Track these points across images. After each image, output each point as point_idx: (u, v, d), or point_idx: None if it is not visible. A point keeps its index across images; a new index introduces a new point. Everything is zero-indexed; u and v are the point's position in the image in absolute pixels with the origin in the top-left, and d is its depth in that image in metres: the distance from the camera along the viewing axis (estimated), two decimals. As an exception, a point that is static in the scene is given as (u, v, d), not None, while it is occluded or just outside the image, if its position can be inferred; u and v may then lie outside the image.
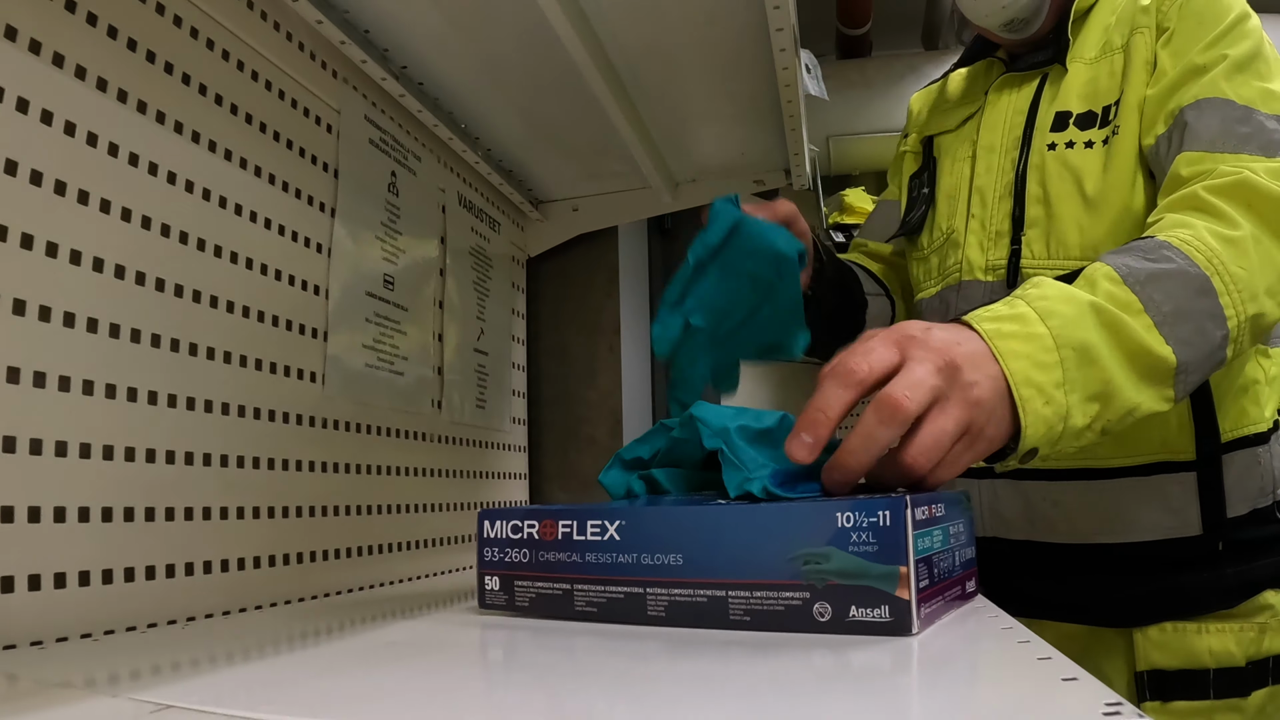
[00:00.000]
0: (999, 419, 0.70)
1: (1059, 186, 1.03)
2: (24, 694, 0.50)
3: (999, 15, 1.09)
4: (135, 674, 0.55)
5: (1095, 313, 0.74)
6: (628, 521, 0.69)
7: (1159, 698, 0.97)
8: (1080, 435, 0.74)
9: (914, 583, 0.57)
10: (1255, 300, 0.80)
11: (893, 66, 3.62)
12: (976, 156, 1.13)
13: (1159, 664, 0.97)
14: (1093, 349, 0.72)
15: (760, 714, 0.42)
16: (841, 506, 0.60)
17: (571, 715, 0.45)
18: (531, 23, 1.11)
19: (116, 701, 0.46)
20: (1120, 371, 0.74)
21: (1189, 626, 0.97)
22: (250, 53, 1.01)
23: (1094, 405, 0.73)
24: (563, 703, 0.48)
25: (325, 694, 0.48)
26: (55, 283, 0.74)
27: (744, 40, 1.21)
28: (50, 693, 0.49)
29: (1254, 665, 0.96)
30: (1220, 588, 0.97)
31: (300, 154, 1.08)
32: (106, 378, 0.78)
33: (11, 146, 0.71)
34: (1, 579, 0.68)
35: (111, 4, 0.82)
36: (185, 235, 0.88)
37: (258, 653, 0.64)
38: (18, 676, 0.55)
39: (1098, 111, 1.05)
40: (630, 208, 1.72)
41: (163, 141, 0.86)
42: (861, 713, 0.42)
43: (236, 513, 0.92)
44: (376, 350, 1.18)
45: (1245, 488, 0.98)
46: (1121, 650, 1.01)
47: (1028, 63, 1.13)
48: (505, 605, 0.75)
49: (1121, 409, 0.75)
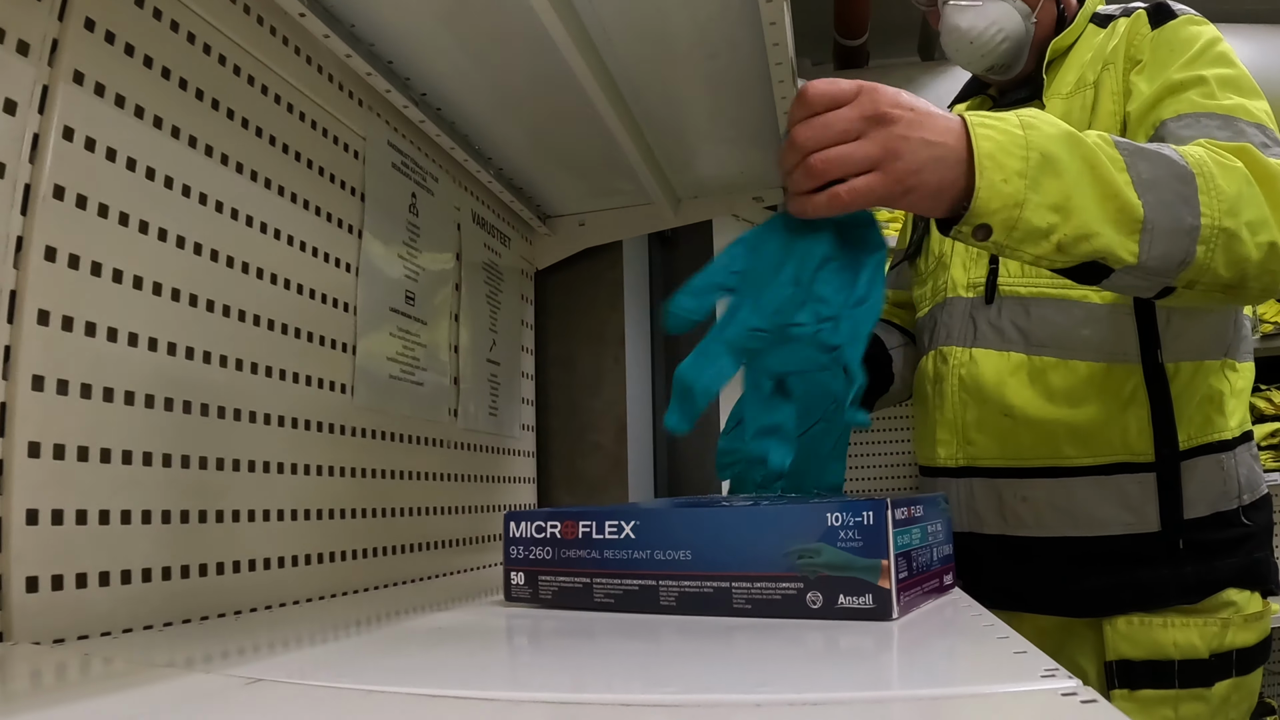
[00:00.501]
0: (943, 172, 0.76)
1: None
2: (129, 672, 0.58)
3: (979, 63, 1.19)
4: (224, 654, 0.63)
5: (1076, 143, 0.80)
6: (642, 522, 0.77)
7: (1127, 686, 1.04)
8: (1038, 241, 0.79)
9: (894, 574, 0.65)
10: (1234, 216, 0.84)
11: (889, 77, 3.68)
12: None
13: (1126, 654, 1.05)
14: (1060, 163, 0.78)
15: (759, 684, 0.49)
16: (831, 508, 0.68)
17: (591, 683, 0.53)
18: (544, 52, 1.19)
19: (212, 677, 0.54)
20: (1087, 198, 0.79)
21: (1154, 620, 1.05)
22: (286, 86, 1.08)
23: (1054, 216, 0.78)
24: (584, 673, 0.55)
25: (391, 668, 0.56)
26: (105, 301, 0.82)
27: (744, 72, 1.29)
28: (154, 671, 0.57)
29: (1217, 657, 1.04)
30: (1180, 584, 1.05)
31: (330, 179, 1.15)
32: (165, 391, 0.86)
33: (62, 174, 0.79)
34: (76, 575, 0.76)
35: (167, 45, 0.90)
36: (229, 258, 0.96)
37: (322, 637, 0.72)
38: (113, 659, 0.62)
39: None
40: (634, 223, 1.80)
41: (206, 170, 0.94)
42: (847, 684, 0.50)
43: (276, 515, 0.99)
44: (399, 362, 1.25)
45: (1208, 491, 1.06)
46: (1092, 642, 1.09)
47: (1010, 99, 1.23)
48: (530, 598, 0.83)
49: (1080, 228, 0.79)
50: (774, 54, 1.19)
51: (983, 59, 1.20)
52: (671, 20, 1.19)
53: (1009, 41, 1.19)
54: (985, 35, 1.19)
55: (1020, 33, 1.20)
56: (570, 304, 1.89)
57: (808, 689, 0.47)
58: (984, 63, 1.21)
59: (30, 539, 0.72)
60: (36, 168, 0.77)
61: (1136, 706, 1.03)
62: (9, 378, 0.73)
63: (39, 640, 0.71)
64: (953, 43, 1.23)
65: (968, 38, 1.20)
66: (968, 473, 1.16)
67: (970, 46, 1.19)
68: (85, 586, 0.76)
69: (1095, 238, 0.80)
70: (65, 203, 0.79)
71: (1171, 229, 0.82)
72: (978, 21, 1.19)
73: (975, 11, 1.19)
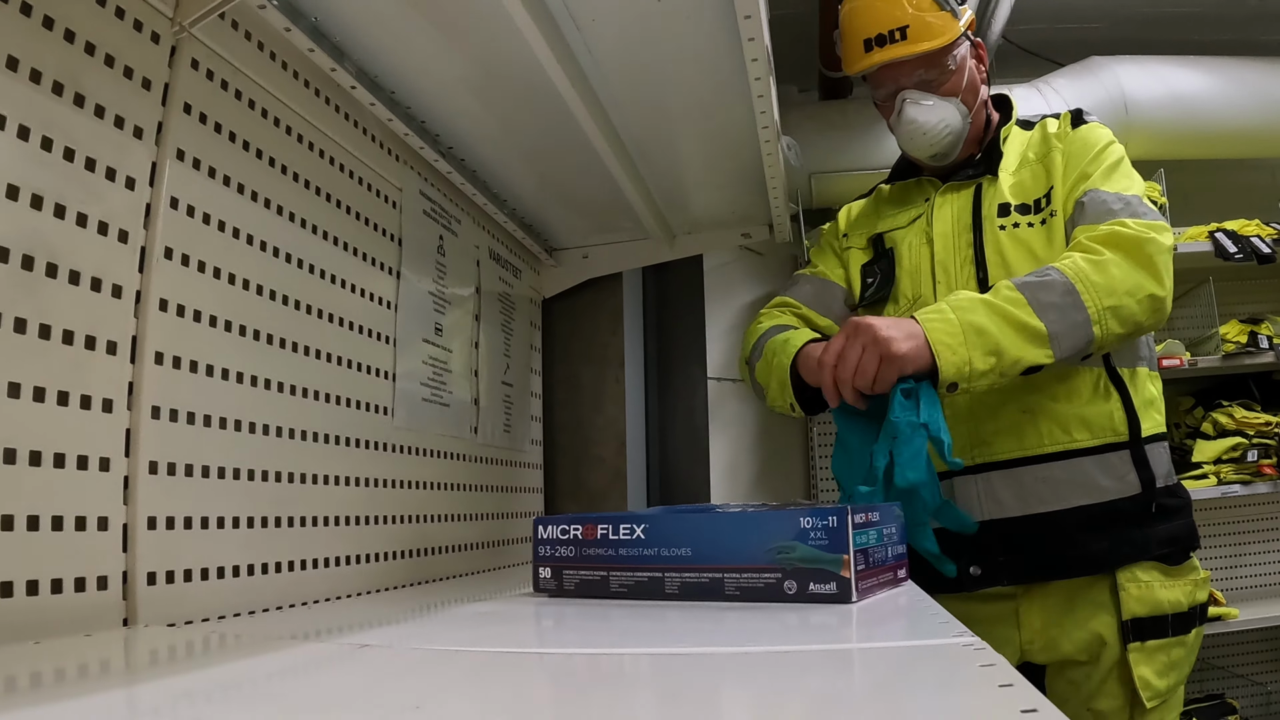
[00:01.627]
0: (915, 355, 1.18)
1: (1015, 254, 1.41)
2: (259, 642, 0.74)
3: (926, 150, 1.47)
4: (329, 630, 0.79)
5: (990, 305, 1.22)
6: (650, 525, 0.94)
7: (1139, 638, 1.31)
8: (986, 375, 1.20)
9: (853, 566, 0.82)
10: (1111, 295, 1.22)
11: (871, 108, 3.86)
12: (934, 242, 1.48)
13: (1137, 613, 1.31)
14: (983, 326, 1.20)
15: (746, 642, 0.66)
16: (803, 514, 0.85)
17: (613, 643, 0.70)
18: (559, 114, 1.36)
19: (327, 644, 0.70)
20: (1008, 338, 1.20)
21: (1156, 582, 1.32)
22: (337, 148, 1.25)
23: (991, 358, 1.20)
24: (606, 637, 0.72)
25: (458, 638, 0.72)
26: (204, 342, 0.98)
27: (735, 132, 1.47)
28: (279, 641, 0.73)
29: (1191, 610, 1.34)
30: (1157, 538, 1.33)
31: (374, 227, 1.32)
32: (249, 417, 1.02)
33: (170, 237, 0.95)
34: (184, 571, 0.92)
35: (246, 121, 1.07)
36: (295, 301, 1.13)
37: (399, 618, 0.88)
38: (240, 634, 0.79)
39: (1029, 203, 1.42)
40: (633, 256, 1.98)
41: (276, 226, 1.11)
42: (815, 647, 0.67)
43: (335, 521, 1.16)
44: (430, 386, 1.42)
45: (1160, 468, 1.36)
46: (1109, 606, 1.33)
47: (962, 175, 1.47)
48: (556, 589, 1.00)
49: (1011, 359, 1.20)
50: (761, 119, 1.37)
51: (930, 146, 1.46)
52: (673, 91, 1.37)
53: (951, 135, 1.46)
54: (936, 129, 1.45)
55: (960, 128, 1.47)
56: (574, 329, 2.06)
57: (783, 645, 0.64)
58: (930, 150, 1.47)
59: (149, 541, 0.89)
60: (150, 232, 0.94)
61: (1145, 655, 1.30)
62: (132, 408, 0.89)
63: (159, 624, 0.87)
64: (908, 132, 1.47)
65: (921, 129, 1.45)
66: (986, 468, 1.39)
67: (923, 137, 1.45)
68: (190, 580, 0.93)
69: (1021, 360, 1.21)
70: (173, 261, 0.95)
71: (1070, 330, 1.22)
72: (930, 117, 1.45)
73: (928, 109, 1.44)
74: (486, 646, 0.66)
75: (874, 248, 1.59)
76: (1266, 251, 2.94)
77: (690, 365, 2.69)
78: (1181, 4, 3.42)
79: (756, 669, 0.58)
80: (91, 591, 0.82)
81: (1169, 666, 1.32)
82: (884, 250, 1.56)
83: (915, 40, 1.40)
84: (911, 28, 1.40)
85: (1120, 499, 1.34)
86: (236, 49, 1.08)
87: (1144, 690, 1.29)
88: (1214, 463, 2.95)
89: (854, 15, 1.45)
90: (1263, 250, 2.95)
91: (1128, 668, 1.29)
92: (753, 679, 0.56)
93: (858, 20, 1.44)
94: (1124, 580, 1.32)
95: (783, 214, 1.80)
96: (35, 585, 0.77)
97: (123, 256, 0.90)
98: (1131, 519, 1.33)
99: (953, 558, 1.30)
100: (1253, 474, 2.92)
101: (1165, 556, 1.33)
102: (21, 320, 0.78)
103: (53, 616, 0.79)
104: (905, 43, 1.40)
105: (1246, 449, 2.94)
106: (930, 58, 1.42)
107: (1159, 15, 3.51)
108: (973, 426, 1.39)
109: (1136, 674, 1.29)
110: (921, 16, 1.41)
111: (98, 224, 0.87)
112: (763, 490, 2.86)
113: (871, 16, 1.42)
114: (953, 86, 1.44)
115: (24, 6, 0.83)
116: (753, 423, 2.96)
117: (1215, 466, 2.94)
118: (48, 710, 0.51)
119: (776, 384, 1.43)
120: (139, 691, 0.59)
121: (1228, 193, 3.50)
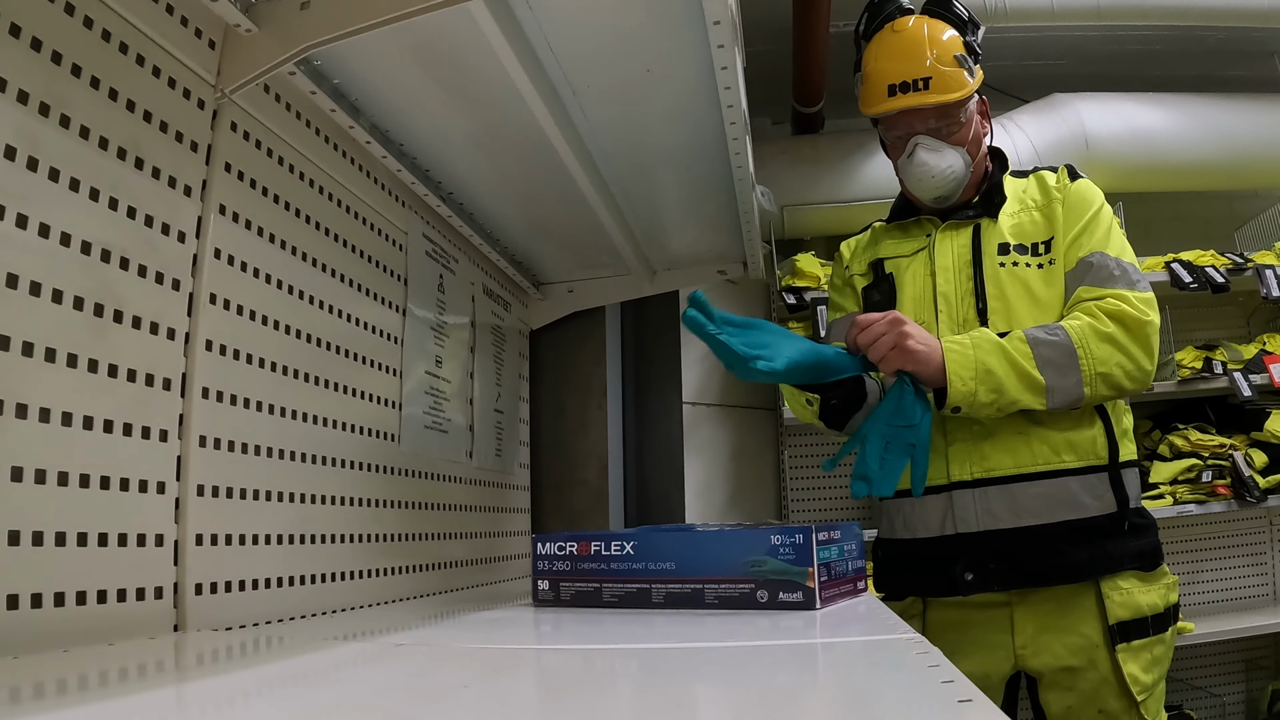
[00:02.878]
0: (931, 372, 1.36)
1: (1013, 289, 1.54)
2: (306, 642, 0.86)
3: (932, 192, 1.59)
4: (366, 633, 0.91)
5: (1003, 350, 1.40)
6: (639, 541, 1.06)
7: (1125, 639, 1.44)
8: (987, 407, 1.39)
9: (817, 578, 0.95)
10: (1106, 365, 1.40)
11: (842, 143, 4.03)
12: (936, 274, 1.60)
13: (1121, 617, 1.45)
14: (993, 369, 1.39)
15: (723, 644, 0.79)
16: (774, 532, 0.98)
17: (600, 640, 0.82)
18: (551, 163, 1.50)
19: (368, 644, 0.82)
20: (1010, 382, 1.38)
21: (1135, 589, 1.46)
22: (352, 197, 1.38)
23: (993, 394, 1.38)
24: (600, 637, 0.84)
25: (480, 637, 0.84)
26: (243, 378, 1.10)
27: (713, 179, 1.61)
28: (323, 642, 0.85)
29: (1167, 610, 1.48)
30: (1129, 552, 1.47)
31: (383, 269, 1.45)
32: (279, 444, 1.14)
33: (214, 284, 1.07)
34: (224, 583, 1.03)
35: (278, 178, 1.19)
36: (319, 339, 1.25)
37: (422, 622, 1.00)
38: (284, 637, 0.90)
39: (1027, 245, 1.56)
40: (616, 290, 2.11)
41: (304, 272, 1.23)
42: (784, 645, 0.80)
43: (348, 539, 1.27)
44: (431, 414, 1.54)
45: (1132, 490, 1.50)
46: (1095, 612, 1.47)
47: (962, 215, 1.60)
48: (553, 600, 1.12)
49: (1010, 399, 1.39)
50: (738, 173, 1.51)
51: (936, 189, 1.59)
52: (657, 145, 1.51)
53: (955, 180, 1.58)
54: (944, 173, 1.57)
55: (963, 175, 1.59)
56: (560, 359, 2.19)
57: (757, 641, 0.76)
58: (935, 192, 1.59)
59: (197, 556, 1.00)
60: (197, 280, 1.05)
61: (1132, 654, 1.44)
62: (183, 438, 1.01)
63: (206, 629, 0.98)
64: (918, 174, 1.58)
65: (930, 173, 1.57)
66: (983, 483, 1.51)
67: (931, 180, 1.57)
68: (229, 591, 1.04)
69: (1018, 402, 1.40)
70: (216, 305, 1.07)
71: (1064, 387, 1.40)
72: (940, 162, 1.57)
73: (938, 154, 1.56)
74: (503, 644, 0.78)
75: (874, 272, 1.71)
76: (1220, 281, 3.11)
77: (666, 390, 2.82)
78: (1142, 41, 3.56)
79: (734, 659, 0.71)
80: (149, 600, 0.93)
81: (1153, 662, 1.46)
82: (884, 274, 1.68)
83: (937, 92, 1.53)
84: (934, 80, 1.53)
85: (1099, 516, 1.48)
86: (269, 111, 1.20)
87: (1133, 685, 1.43)
88: (1170, 483, 3.08)
89: (880, 61, 1.57)
90: (1217, 280, 3.12)
91: (1119, 667, 1.43)
92: (730, 666, 0.69)
93: (884, 65, 1.56)
94: (1108, 589, 1.46)
95: (756, 253, 1.94)
96: (104, 594, 0.88)
97: (175, 302, 1.02)
98: (1107, 534, 1.47)
99: (949, 565, 1.46)
100: (1208, 494, 3.04)
101: (1140, 565, 1.48)
102: (94, 361, 0.90)
103: (115, 623, 0.90)
104: (928, 92, 1.53)
105: (1201, 470, 3.06)
106: (946, 109, 1.55)
107: (1120, 52, 3.67)
108: (973, 444, 1.52)
109: (1126, 671, 1.43)
110: (943, 71, 1.54)
111: (155, 274, 0.99)
112: (736, 511, 2.98)
113: (898, 65, 1.55)
114: (961, 137, 1.57)
115: (93, 80, 0.95)
116: (726, 446, 3.09)
117: (1171, 487, 3.07)
118: (154, 696, 0.63)
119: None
120: (231, 680, 0.71)
121: (1185, 224, 3.67)
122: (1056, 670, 1.47)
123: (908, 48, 1.55)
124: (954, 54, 1.55)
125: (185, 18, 1.08)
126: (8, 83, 0.85)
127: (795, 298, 3.42)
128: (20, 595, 0.79)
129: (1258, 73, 3.70)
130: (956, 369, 1.37)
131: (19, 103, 0.86)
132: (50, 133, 0.89)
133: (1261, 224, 3.58)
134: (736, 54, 1.24)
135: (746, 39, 1.43)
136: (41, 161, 0.87)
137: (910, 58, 1.54)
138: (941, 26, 1.58)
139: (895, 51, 1.56)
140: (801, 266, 3.58)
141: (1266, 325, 3.56)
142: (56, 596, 0.83)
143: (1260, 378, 3.08)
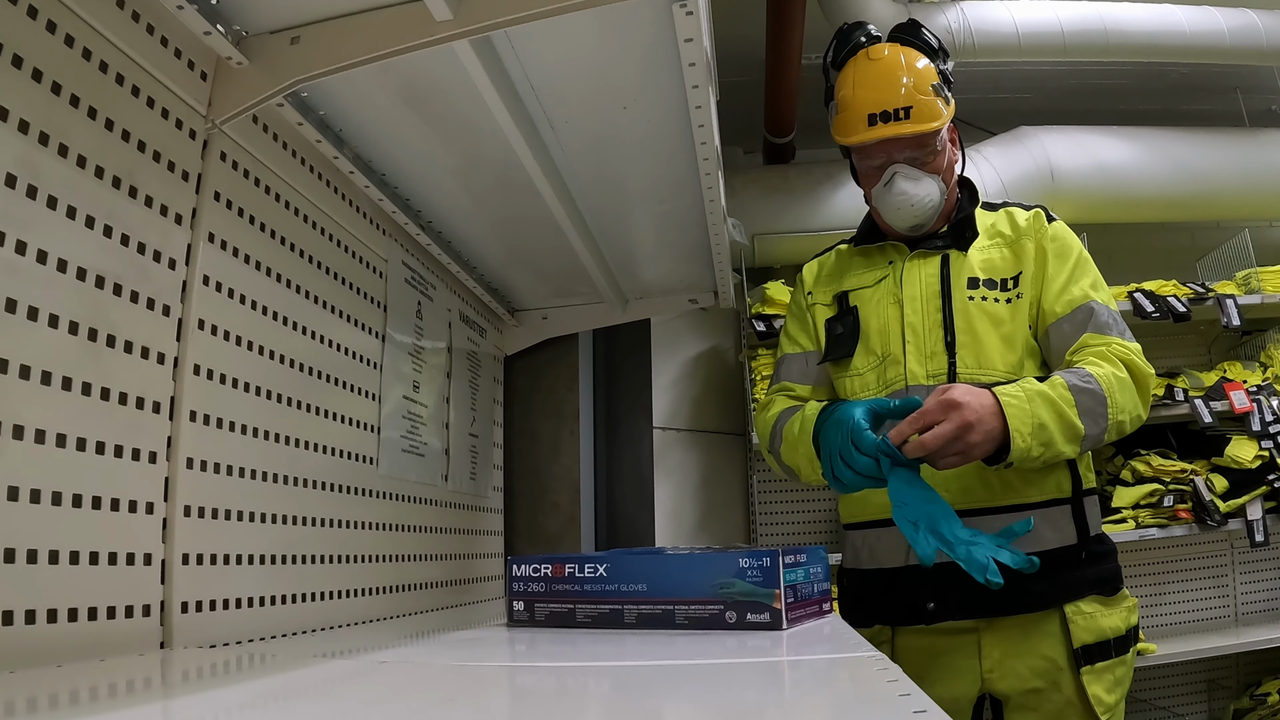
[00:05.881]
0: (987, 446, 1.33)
1: (981, 323, 1.56)
2: (292, 659, 0.89)
3: (909, 220, 1.61)
4: (349, 651, 0.94)
5: (1051, 403, 1.38)
6: (611, 564, 1.10)
7: (1089, 662, 1.48)
8: (1034, 460, 1.37)
9: (784, 600, 1.00)
10: (1122, 413, 1.43)
11: (812, 174, 4.10)
12: (904, 304, 1.62)
13: (1085, 641, 1.49)
14: (1046, 423, 1.37)
15: (694, 662, 0.83)
16: (742, 555, 1.02)
17: (574, 658, 0.86)
18: (528, 194, 1.54)
19: (351, 661, 0.85)
20: (1057, 434, 1.37)
21: (1098, 613, 1.50)
22: (337, 226, 1.41)
23: (1041, 447, 1.37)
24: (572, 656, 0.88)
25: (459, 655, 0.88)
26: (229, 402, 1.13)
27: (686, 213, 1.67)
28: (309, 659, 0.88)
29: (1128, 632, 1.53)
30: (1088, 580, 1.51)
31: (364, 296, 1.48)
32: (263, 466, 1.17)
33: (203, 310, 1.11)
34: (209, 601, 1.06)
35: (265, 207, 1.23)
36: (302, 365, 1.28)
37: (401, 641, 1.03)
38: (271, 654, 0.93)
39: (996, 280, 1.59)
40: (589, 318, 2.16)
41: (289, 299, 1.26)
42: (751, 662, 0.84)
43: (326, 559, 1.30)
44: (409, 439, 1.57)
45: (1093, 520, 1.55)
46: (1059, 636, 1.50)
47: (931, 245, 1.63)
48: (528, 620, 1.15)
49: (1055, 451, 1.38)
50: (710, 207, 1.57)
51: (914, 217, 1.60)
52: (632, 179, 1.56)
53: (932, 208, 1.59)
54: (922, 201, 1.58)
55: (939, 204, 1.60)
56: (534, 385, 2.23)
57: (725, 659, 0.80)
58: (913, 220, 1.60)
59: (183, 575, 1.02)
60: (186, 306, 1.09)
61: (1095, 675, 1.47)
62: (171, 460, 1.03)
63: (192, 647, 1.01)
64: (897, 203, 1.58)
65: (909, 201, 1.58)
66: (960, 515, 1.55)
67: (910, 208, 1.58)
68: (214, 610, 1.06)
69: (1061, 454, 1.39)
70: (204, 331, 1.10)
71: (1095, 435, 1.41)
72: (919, 191, 1.58)
73: (916, 183, 1.57)
74: (481, 662, 0.82)
75: (838, 305, 1.73)
76: (1182, 310, 3.21)
77: (637, 415, 2.87)
78: (1107, 76, 3.69)
79: (703, 677, 0.75)
80: (138, 618, 0.96)
81: (1115, 683, 1.51)
82: (849, 308, 1.70)
83: (917, 120, 1.55)
84: (915, 109, 1.55)
85: (1058, 548, 1.51)
86: (257, 142, 1.24)
87: (1097, 706, 1.47)
88: (1133, 507, 3.14)
89: (858, 89, 1.58)
90: (1178, 309, 3.21)
91: (1084, 689, 1.47)
92: (699, 683, 0.73)
93: (863, 94, 1.57)
94: (1071, 613, 1.49)
95: (727, 283, 2.00)
96: (94, 612, 0.91)
97: (165, 328, 1.05)
98: (1066, 564, 1.51)
99: (912, 595, 1.49)
100: (1169, 518, 3.11)
101: (1100, 591, 1.52)
102: (88, 384, 0.93)
103: (104, 640, 0.92)
104: (908, 121, 1.54)
105: (1163, 494, 3.13)
106: (924, 138, 1.57)
107: (1085, 87, 3.77)
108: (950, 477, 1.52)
109: (1091, 693, 1.46)
110: (921, 100, 1.56)
111: (146, 300, 1.02)
112: (705, 534, 3.02)
113: (878, 94, 1.55)
114: (936, 165, 1.59)
115: (90, 110, 0.98)
116: (696, 470, 3.13)
117: (1134, 511, 3.14)
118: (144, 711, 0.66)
119: (806, 462, 1.54)
120: (224, 694, 0.74)
121: (1149, 254, 3.74)
122: (1022, 693, 1.49)
123: (885, 76, 1.56)
124: (930, 83, 1.57)
125: (179, 50, 1.11)
126: (9, 112, 0.88)
127: (765, 325, 3.47)
128: (15, 611, 0.82)
129: (1220, 107, 3.83)
130: (1017, 425, 1.35)
131: (20, 132, 0.90)
132: (49, 161, 0.92)
133: (1222, 255, 3.68)
134: (710, 93, 1.29)
135: (720, 70, 1.47)
136: (40, 189, 0.91)
137: (888, 86, 1.55)
138: (915, 55, 1.60)
139: (873, 80, 1.56)
140: (772, 294, 3.64)
141: (1227, 353, 3.68)
142: (50, 613, 0.85)
143: (1221, 404, 3.17)
